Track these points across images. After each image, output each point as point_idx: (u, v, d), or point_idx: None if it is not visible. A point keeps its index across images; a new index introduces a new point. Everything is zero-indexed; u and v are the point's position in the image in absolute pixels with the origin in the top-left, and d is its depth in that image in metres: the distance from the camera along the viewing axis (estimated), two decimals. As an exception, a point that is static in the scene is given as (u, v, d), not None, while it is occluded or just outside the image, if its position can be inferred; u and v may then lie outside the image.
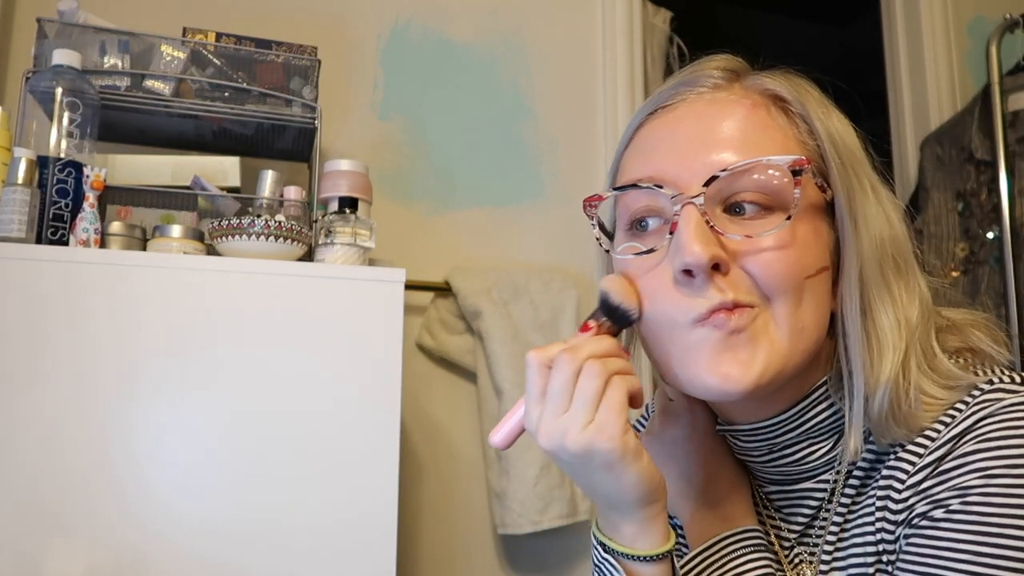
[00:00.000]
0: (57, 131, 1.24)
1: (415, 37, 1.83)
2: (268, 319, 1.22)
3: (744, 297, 0.55)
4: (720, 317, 0.54)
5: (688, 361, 0.56)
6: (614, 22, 1.95)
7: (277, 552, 1.17)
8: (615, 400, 0.54)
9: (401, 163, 1.77)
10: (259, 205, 1.39)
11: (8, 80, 1.54)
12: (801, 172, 0.55)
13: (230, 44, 1.44)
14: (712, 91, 0.60)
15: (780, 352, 0.55)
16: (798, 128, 0.59)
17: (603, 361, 0.56)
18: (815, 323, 0.57)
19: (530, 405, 0.57)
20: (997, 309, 1.76)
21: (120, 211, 1.41)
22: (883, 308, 0.57)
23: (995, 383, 0.55)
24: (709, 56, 0.63)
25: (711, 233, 0.55)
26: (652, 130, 0.61)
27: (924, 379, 0.56)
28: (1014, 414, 0.52)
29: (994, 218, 1.80)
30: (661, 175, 0.57)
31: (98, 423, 1.13)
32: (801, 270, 0.55)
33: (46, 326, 1.13)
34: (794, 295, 0.55)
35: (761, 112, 0.59)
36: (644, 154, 0.60)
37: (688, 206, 0.55)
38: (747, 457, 0.65)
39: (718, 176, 0.55)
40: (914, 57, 2.16)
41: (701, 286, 0.54)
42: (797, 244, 0.55)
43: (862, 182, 0.59)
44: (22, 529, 1.08)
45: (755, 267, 0.55)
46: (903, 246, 0.59)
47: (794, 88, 0.60)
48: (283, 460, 1.19)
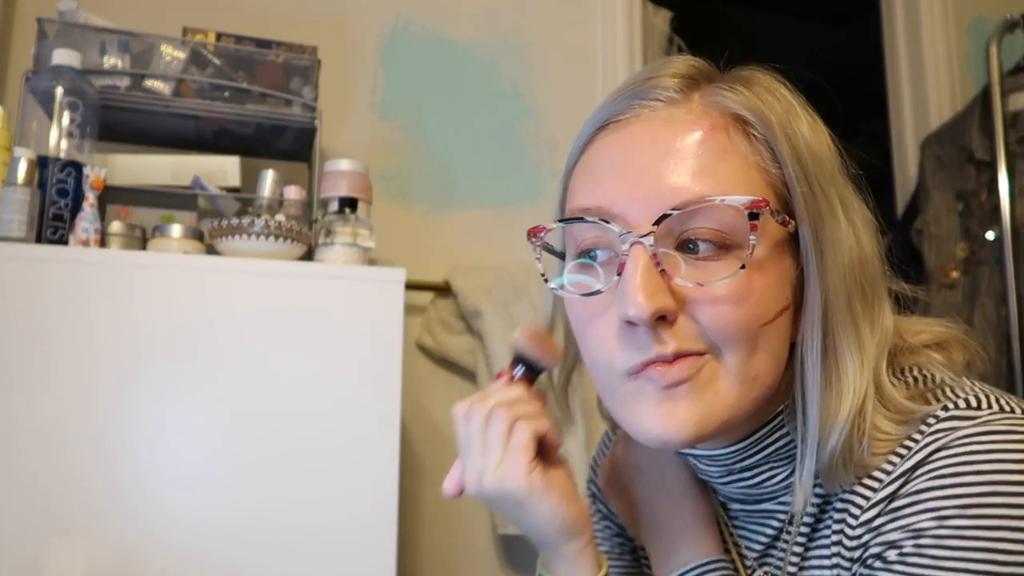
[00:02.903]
0: (57, 131, 1.24)
1: (415, 37, 1.83)
2: (268, 319, 1.22)
3: (691, 346, 0.51)
4: (655, 371, 0.51)
5: (627, 410, 0.54)
6: (614, 22, 1.95)
7: (277, 552, 1.17)
8: (518, 442, 0.56)
9: (401, 163, 1.77)
10: (259, 205, 1.39)
11: (8, 80, 1.54)
12: (758, 215, 0.50)
13: (230, 44, 1.44)
14: (667, 107, 0.54)
15: (726, 403, 0.52)
16: (761, 153, 0.53)
17: (509, 407, 0.58)
18: (770, 369, 0.53)
19: (461, 452, 0.60)
20: (997, 309, 1.76)
21: (120, 211, 1.41)
22: (847, 347, 0.53)
23: (950, 409, 0.51)
24: (667, 60, 0.58)
25: (660, 279, 0.50)
26: (602, 149, 0.56)
27: (878, 416, 0.53)
28: (967, 447, 0.49)
29: (994, 218, 1.80)
30: (610, 207, 0.53)
31: (98, 423, 1.13)
32: (756, 319, 0.51)
33: (46, 326, 1.13)
34: (747, 345, 0.51)
35: (720, 136, 0.53)
36: (593, 178, 0.55)
37: (637, 246, 0.50)
38: (707, 477, 0.63)
39: (669, 214, 0.50)
40: (914, 57, 2.16)
41: (643, 337, 0.51)
42: (753, 293, 0.51)
43: (831, 203, 0.54)
44: (22, 529, 1.08)
45: (705, 317, 0.51)
46: (871, 269, 0.55)
47: (760, 101, 0.54)
48: (283, 460, 1.19)
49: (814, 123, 0.56)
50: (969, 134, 1.87)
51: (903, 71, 2.18)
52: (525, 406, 0.59)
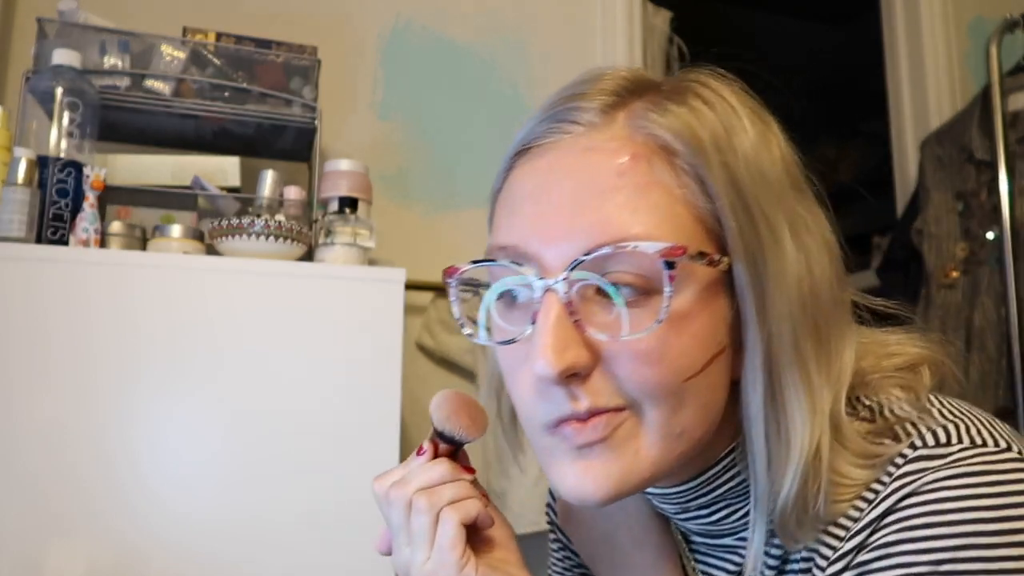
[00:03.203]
0: (57, 131, 1.24)
1: (415, 37, 1.83)
2: (268, 319, 1.22)
3: (608, 402, 0.47)
4: (569, 430, 0.47)
5: (546, 464, 0.51)
6: (614, 22, 1.95)
7: (277, 551, 1.17)
8: (446, 537, 0.51)
9: (401, 163, 1.77)
10: (259, 205, 1.39)
11: (8, 80, 1.54)
12: (675, 264, 0.45)
13: (230, 44, 1.44)
14: (588, 132, 0.50)
15: (647, 461, 0.48)
16: (688, 186, 0.48)
17: (431, 494, 0.52)
18: (699, 422, 0.49)
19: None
20: (997, 309, 1.76)
21: (120, 211, 1.41)
22: (795, 394, 0.48)
23: (918, 447, 0.47)
24: (595, 74, 0.53)
25: (573, 331, 0.46)
26: (521, 178, 0.52)
27: (837, 459, 0.48)
28: (938, 493, 0.45)
29: (994, 218, 1.80)
30: (525, 246, 0.48)
31: (98, 423, 1.13)
32: (678, 374, 0.47)
33: (46, 326, 1.13)
34: (670, 401, 0.47)
35: (641, 167, 0.47)
36: (510, 212, 0.51)
37: (550, 294, 0.46)
38: (664, 512, 0.60)
39: (582, 261, 0.46)
40: (914, 57, 2.16)
41: (556, 393, 0.47)
42: (672, 348, 0.46)
43: (775, 230, 0.48)
44: (22, 529, 1.08)
45: (622, 372, 0.47)
46: (825, 299, 0.50)
47: (693, 120, 0.49)
48: (283, 459, 1.19)
49: (764, 133, 0.51)
50: (969, 134, 1.87)
51: (903, 71, 2.18)
52: (449, 490, 0.53)
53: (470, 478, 0.55)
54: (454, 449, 0.56)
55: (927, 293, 1.88)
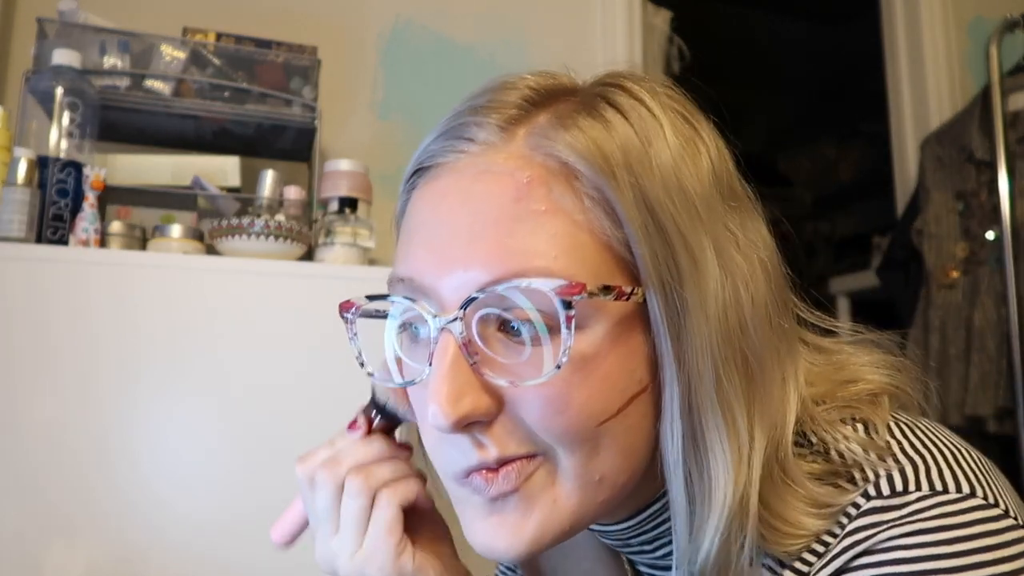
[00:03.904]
0: (57, 131, 1.24)
1: (415, 37, 1.83)
2: (268, 319, 1.22)
3: (515, 450, 0.43)
4: (479, 480, 0.43)
5: (460, 516, 0.46)
6: (614, 22, 1.95)
7: (277, 552, 1.17)
8: (382, 521, 0.47)
9: (401, 163, 1.76)
10: (259, 205, 1.39)
11: (8, 80, 1.54)
12: (571, 304, 0.40)
13: (230, 44, 1.44)
14: (484, 152, 0.45)
15: (566, 510, 0.43)
16: (591, 211, 0.43)
17: (366, 474, 0.48)
18: (620, 467, 0.44)
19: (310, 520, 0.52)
20: (997, 309, 1.76)
21: (120, 211, 1.41)
22: (719, 440, 0.43)
23: (872, 496, 0.43)
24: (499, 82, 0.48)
25: (470, 375, 0.42)
26: (418, 203, 0.47)
27: (784, 504, 0.44)
28: (893, 553, 0.41)
29: (994, 218, 1.80)
30: (420, 279, 0.44)
31: (98, 422, 1.13)
32: (589, 419, 0.42)
33: (46, 326, 1.13)
34: (584, 446, 0.42)
35: (539, 192, 0.42)
36: (408, 241, 0.47)
37: (445, 333, 0.42)
38: (610, 545, 0.55)
39: (475, 299, 0.41)
40: (914, 57, 2.16)
41: (460, 441, 0.43)
42: (579, 391, 0.41)
43: (695, 254, 0.43)
44: (22, 528, 1.08)
45: (528, 418, 0.42)
46: (758, 329, 0.44)
47: (602, 130, 0.44)
48: (283, 459, 1.19)
49: (689, 140, 0.45)
50: (969, 134, 1.87)
51: (903, 71, 2.18)
52: (386, 469, 0.49)
53: (407, 456, 0.51)
54: (391, 427, 0.51)
55: (927, 293, 1.88)
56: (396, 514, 0.48)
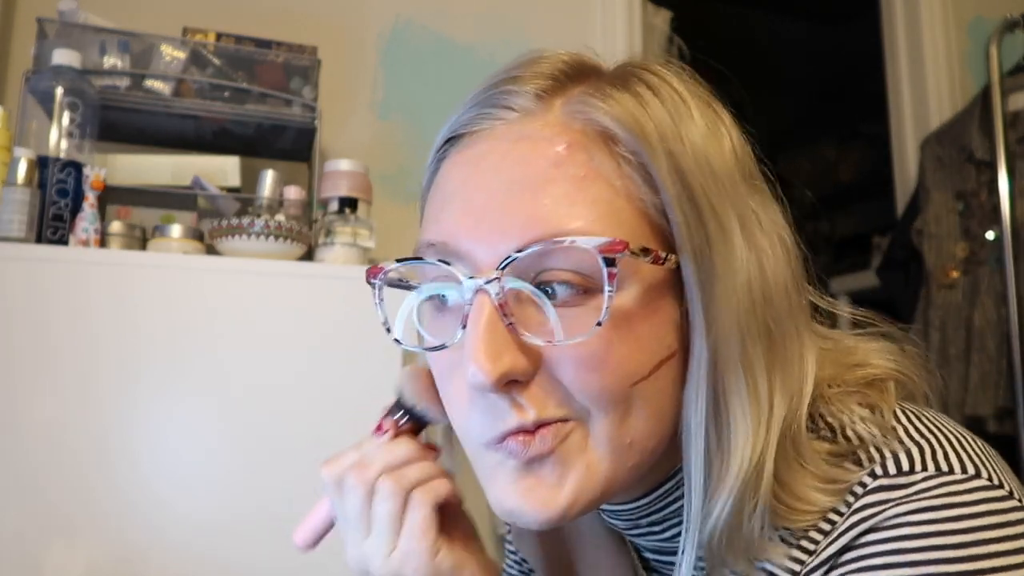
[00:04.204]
0: (57, 131, 1.24)
1: (415, 37, 1.83)
2: (268, 319, 1.22)
3: (553, 412, 0.43)
4: (514, 444, 0.43)
5: (488, 482, 0.46)
6: (614, 22, 1.95)
7: (277, 552, 1.17)
8: (417, 523, 0.47)
9: (401, 163, 1.77)
10: (259, 205, 1.39)
11: (8, 80, 1.54)
12: (615, 261, 0.41)
13: (230, 44, 1.44)
14: (521, 120, 0.46)
15: (599, 475, 0.44)
16: (631, 176, 0.44)
17: (397, 476, 0.48)
18: (650, 432, 0.45)
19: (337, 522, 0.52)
20: (997, 309, 1.76)
21: (120, 211, 1.41)
22: (740, 405, 0.44)
23: (879, 475, 0.43)
24: (531, 57, 0.48)
25: (507, 335, 0.42)
26: (450, 170, 0.48)
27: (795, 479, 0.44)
28: (900, 530, 0.41)
29: (994, 218, 1.80)
30: (455, 242, 0.45)
31: (98, 422, 1.13)
32: (624, 379, 0.43)
33: (46, 326, 1.13)
34: (618, 408, 0.43)
35: (579, 157, 0.44)
36: (439, 206, 0.47)
37: (481, 294, 0.42)
38: (616, 529, 0.56)
39: (514, 258, 0.42)
40: (914, 57, 2.16)
41: (496, 404, 0.43)
42: (615, 351, 0.43)
43: (724, 227, 0.44)
44: (22, 528, 1.07)
45: (565, 378, 0.43)
46: (779, 303, 0.45)
47: (637, 107, 0.45)
48: (283, 459, 1.19)
49: (714, 123, 0.47)
50: (969, 134, 1.87)
51: (903, 71, 2.18)
52: (416, 470, 0.49)
53: (435, 457, 0.52)
54: (416, 429, 0.52)
55: (927, 293, 1.88)
56: (430, 514, 0.48)
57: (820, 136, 3.33)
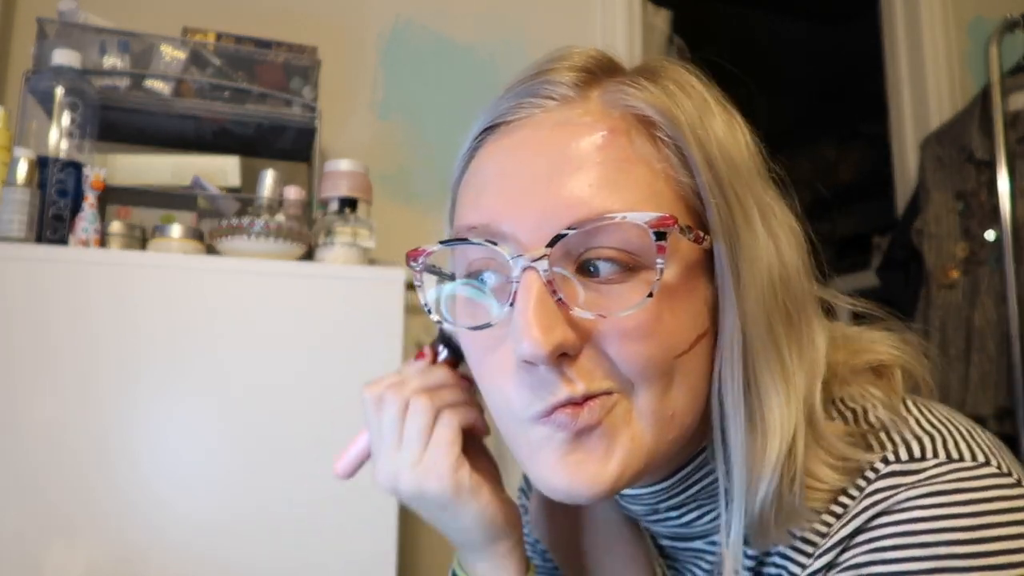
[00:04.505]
0: (57, 131, 1.24)
1: (415, 37, 1.83)
2: (268, 319, 1.22)
3: (599, 385, 0.44)
4: (564, 417, 0.44)
5: (533, 459, 0.46)
6: (614, 22, 1.95)
7: (277, 551, 1.17)
8: (443, 437, 0.50)
9: (401, 163, 1.77)
10: (259, 205, 1.39)
11: (8, 80, 1.54)
12: (666, 235, 0.43)
13: (230, 44, 1.44)
14: (561, 106, 0.48)
15: (643, 447, 0.45)
16: (669, 160, 0.46)
17: (430, 395, 0.52)
18: (688, 406, 0.47)
19: (372, 443, 0.55)
20: (997, 309, 1.76)
21: (120, 211, 1.41)
22: (771, 380, 0.46)
23: (891, 461, 0.45)
24: (563, 51, 0.50)
25: (557, 309, 0.43)
26: (489, 157, 0.49)
27: (810, 457, 0.46)
28: (910, 513, 0.42)
29: (994, 218, 1.80)
30: (498, 224, 0.46)
31: (98, 422, 1.13)
32: (669, 351, 0.45)
33: (46, 326, 1.13)
34: (662, 380, 0.45)
35: (621, 141, 0.46)
36: (479, 191, 0.48)
37: (530, 272, 0.44)
38: (634, 516, 0.57)
39: (564, 235, 0.43)
40: (914, 57, 2.16)
41: (545, 377, 0.44)
42: (664, 323, 0.44)
43: (748, 214, 0.47)
44: (22, 528, 1.07)
45: (612, 351, 0.44)
46: (795, 286, 0.48)
47: (668, 98, 0.47)
48: (283, 459, 1.19)
49: (730, 121, 0.50)
50: (969, 134, 1.87)
51: (903, 71, 2.18)
52: (449, 393, 0.53)
53: (467, 387, 0.55)
54: (454, 362, 0.55)
55: (927, 293, 1.88)
56: (456, 432, 0.51)
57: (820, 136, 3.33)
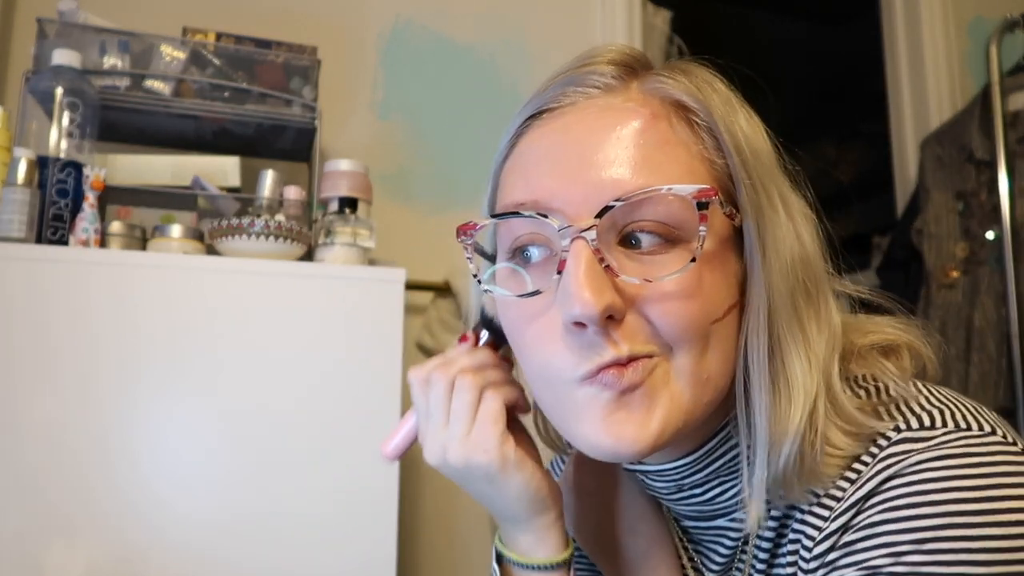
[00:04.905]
0: (57, 131, 1.24)
1: (415, 37, 1.83)
2: (268, 319, 1.22)
3: (641, 347, 0.48)
4: (610, 376, 0.47)
5: (577, 419, 0.50)
6: (614, 22, 1.95)
7: (278, 551, 1.17)
8: (488, 412, 0.54)
9: (401, 163, 1.77)
10: (259, 205, 1.39)
11: (8, 80, 1.54)
12: (707, 205, 0.47)
13: (230, 44, 1.44)
14: (605, 94, 0.52)
15: (681, 407, 0.49)
16: (704, 143, 0.51)
17: (474, 374, 0.55)
18: (721, 370, 0.50)
19: (419, 422, 0.58)
20: (997, 309, 1.76)
21: (120, 211, 1.41)
22: (794, 348, 0.50)
23: (902, 430, 0.48)
24: (602, 46, 0.55)
25: (605, 275, 0.47)
26: (536, 140, 0.53)
27: (829, 426, 0.49)
28: (921, 475, 0.45)
29: (994, 218, 1.80)
30: (547, 200, 0.49)
31: (99, 422, 1.13)
32: (706, 316, 0.49)
33: (46, 326, 1.13)
34: (699, 343, 0.49)
35: (662, 125, 0.50)
36: (527, 172, 0.52)
37: (578, 241, 0.47)
38: (657, 495, 0.60)
39: (612, 206, 0.47)
40: (914, 57, 2.16)
41: (593, 339, 0.47)
42: (703, 287, 0.48)
43: (772, 199, 0.51)
44: (22, 528, 1.08)
45: (655, 314, 0.48)
46: (814, 267, 0.52)
47: (699, 90, 0.52)
48: (283, 459, 1.19)
49: (750, 117, 0.54)
50: (969, 134, 1.87)
51: (903, 71, 2.18)
52: (493, 372, 0.56)
53: (508, 368, 0.58)
54: (495, 345, 0.58)
55: (927, 293, 1.88)
56: (501, 408, 0.54)
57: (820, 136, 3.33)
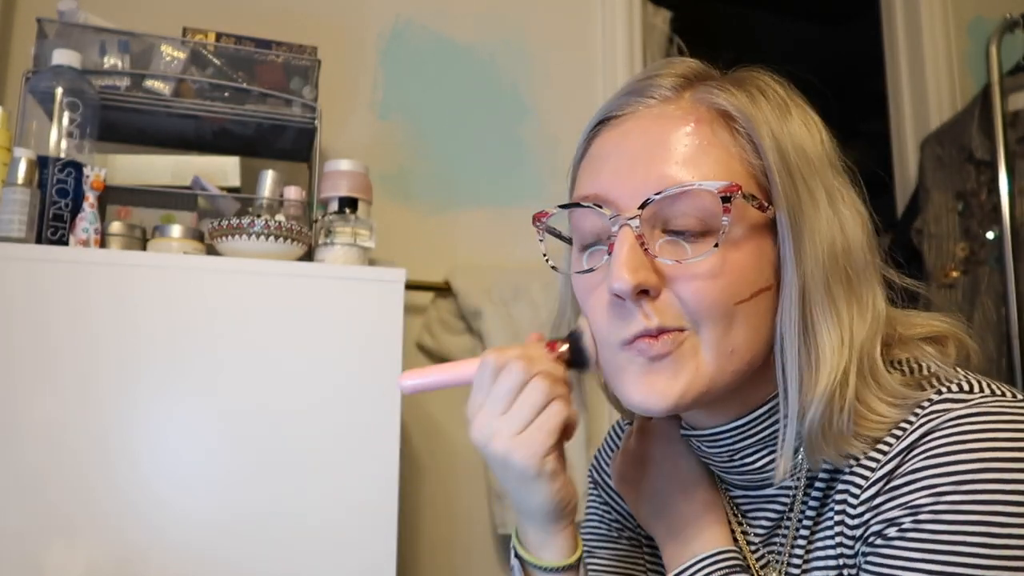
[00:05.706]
0: (57, 131, 1.24)
1: (415, 37, 1.83)
2: (268, 319, 1.22)
3: (672, 322, 0.56)
4: (643, 344, 0.56)
5: (618, 379, 0.59)
6: (614, 22, 1.95)
7: (278, 551, 1.17)
8: (548, 421, 0.57)
9: (401, 163, 1.77)
10: (259, 205, 1.39)
11: (8, 80, 1.54)
12: (731, 199, 0.55)
13: (230, 44, 1.44)
14: (660, 104, 0.60)
15: (705, 375, 0.56)
16: (743, 146, 0.58)
17: (553, 382, 0.58)
18: (748, 345, 0.57)
19: (476, 394, 0.60)
20: (997, 309, 1.76)
21: (120, 211, 1.41)
22: (826, 326, 0.56)
23: (943, 393, 0.55)
24: (668, 61, 0.63)
25: (644, 257, 0.56)
26: (602, 143, 0.62)
27: (870, 396, 0.56)
28: (961, 427, 0.52)
29: (994, 218, 1.80)
30: (605, 194, 0.58)
31: (99, 422, 1.13)
32: (730, 297, 0.56)
33: (46, 326, 1.13)
34: (723, 321, 0.56)
35: (704, 130, 0.58)
36: (592, 169, 0.61)
37: (624, 228, 0.56)
38: (711, 462, 0.66)
39: (652, 199, 0.55)
40: (914, 57, 2.16)
41: (630, 310, 0.56)
42: (727, 271, 0.56)
43: (814, 193, 0.58)
44: (22, 528, 1.08)
45: (684, 293, 0.56)
46: (857, 257, 0.58)
47: (747, 98, 0.59)
48: (283, 459, 1.19)
49: (807, 119, 0.61)
50: (969, 134, 1.87)
51: (903, 71, 2.18)
52: (564, 387, 0.60)
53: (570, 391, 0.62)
54: (569, 365, 0.61)
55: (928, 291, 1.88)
56: (560, 423, 0.58)
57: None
